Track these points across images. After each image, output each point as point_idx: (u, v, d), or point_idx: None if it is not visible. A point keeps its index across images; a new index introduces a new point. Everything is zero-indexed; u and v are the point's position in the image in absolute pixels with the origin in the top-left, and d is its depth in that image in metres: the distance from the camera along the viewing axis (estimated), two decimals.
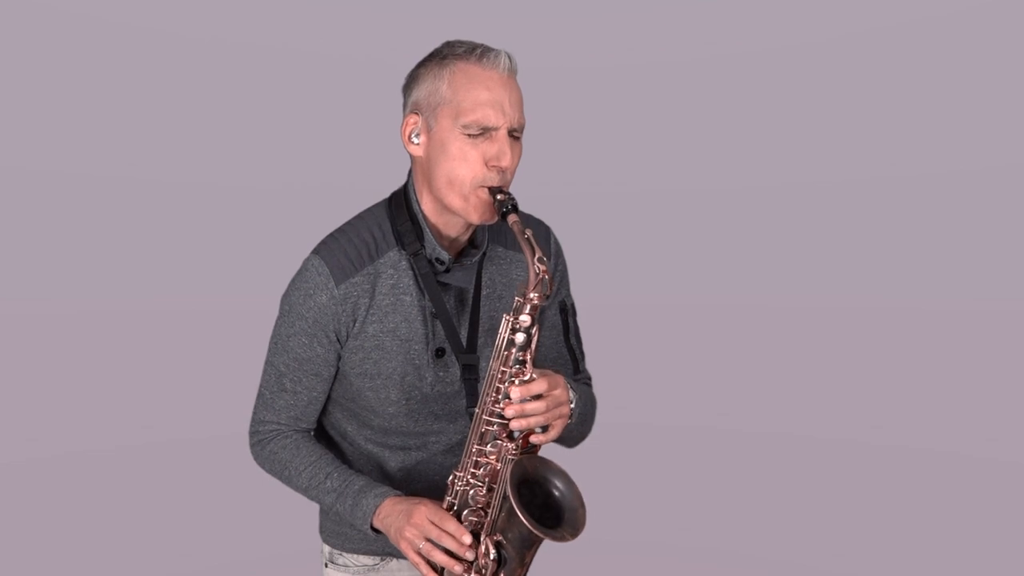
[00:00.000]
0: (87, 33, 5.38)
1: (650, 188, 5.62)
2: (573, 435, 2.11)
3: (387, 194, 2.12)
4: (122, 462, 4.83)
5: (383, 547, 2.18)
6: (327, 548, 2.25)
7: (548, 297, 1.95)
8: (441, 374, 2.08)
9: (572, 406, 2.02)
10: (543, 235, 2.17)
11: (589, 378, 2.26)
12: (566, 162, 5.35)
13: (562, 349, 2.20)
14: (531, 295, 1.93)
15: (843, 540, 4.42)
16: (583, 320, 2.26)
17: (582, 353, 2.24)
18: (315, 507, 2.26)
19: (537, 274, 1.92)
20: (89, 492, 4.62)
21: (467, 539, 1.97)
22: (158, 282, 5.40)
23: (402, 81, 2.08)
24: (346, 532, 2.20)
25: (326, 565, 2.25)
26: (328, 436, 2.20)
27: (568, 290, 2.23)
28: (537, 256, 1.92)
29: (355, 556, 2.21)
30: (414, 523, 1.98)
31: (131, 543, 4.30)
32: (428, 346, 2.07)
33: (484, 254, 2.11)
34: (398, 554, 2.17)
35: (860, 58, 5.64)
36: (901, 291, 5.58)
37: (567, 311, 2.21)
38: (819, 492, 4.74)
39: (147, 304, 5.40)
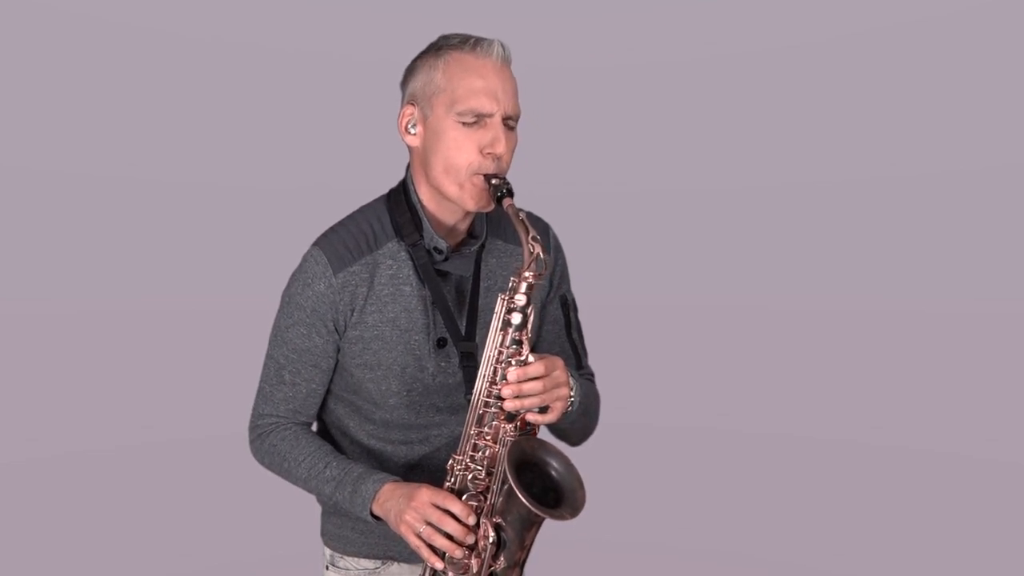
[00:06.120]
0: (87, 33, 5.38)
1: (650, 188, 5.62)
2: (576, 428, 2.10)
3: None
4: (122, 462, 4.83)
5: (384, 550, 2.17)
6: (328, 551, 2.24)
7: (541, 276, 1.94)
8: (443, 364, 2.08)
9: (572, 392, 2.01)
10: (542, 230, 2.17)
11: (592, 374, 2.25)
12: (566, 162, 5.35)
13: (564, 344, 2.21)
14: (526, 274, 1.94)
15: (843, 540, 4.42)
16: (583, 320, 2.26)
17: (584, 349, 2.24)
18: (316, 509, 2.26)
19: (531, 252, 1.92)
20: (89, 492, 4.62)
21: (472, 519, 1.96)
22: (157, 282, 5.40)
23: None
24: (347, 535, 2.19)
25: (327, 568, 2.25)
26: (330, 435, 2.20)
27: (568, 285, 2.23)
28: (531, 235, 1.92)
29: (356, 559, 2.20)
30: (415, 507, 1.97)
31: (131, 543, 4.30)
32: (429, 336, 2.07)
33: (483, 245, 2.11)
34: (399, 557, 2.17)
35: (860, 58, 5.64)
36: (901, 292, 5.58)
37: (568, 306, 2.21)
38: (819, 492, 4.74)
39: (146, 304, 5.41)
